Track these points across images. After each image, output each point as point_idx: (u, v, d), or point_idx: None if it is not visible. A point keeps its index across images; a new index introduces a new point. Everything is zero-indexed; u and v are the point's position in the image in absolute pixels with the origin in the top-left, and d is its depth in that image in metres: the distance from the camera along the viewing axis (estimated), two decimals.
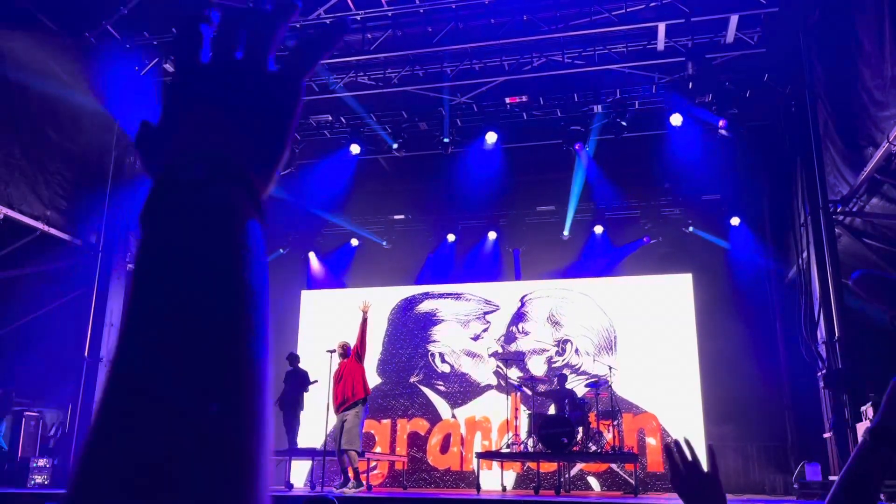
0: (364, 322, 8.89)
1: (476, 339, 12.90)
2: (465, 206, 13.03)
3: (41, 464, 9.04)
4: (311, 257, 13.99)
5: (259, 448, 0.44)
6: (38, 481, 8.88)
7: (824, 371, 8.59)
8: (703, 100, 10.35)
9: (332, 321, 12.72)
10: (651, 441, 11.57)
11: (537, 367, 12.40)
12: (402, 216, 13.97)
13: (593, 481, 11.45)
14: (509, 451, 9.82)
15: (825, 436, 8.65)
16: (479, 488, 9.61)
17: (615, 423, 9.65)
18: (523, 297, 12.93)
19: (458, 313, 13.12)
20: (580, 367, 12.20)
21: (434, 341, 13.03)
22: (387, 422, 12.65)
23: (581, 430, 9.36)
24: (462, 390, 12.62)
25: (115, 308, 10.57)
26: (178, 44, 0.59)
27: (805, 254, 9.46)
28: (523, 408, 10.80)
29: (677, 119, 10.71)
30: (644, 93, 11.25)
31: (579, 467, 11.28)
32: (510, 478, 11.37)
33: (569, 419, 9.25)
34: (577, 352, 12.39)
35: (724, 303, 11.59)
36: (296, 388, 10.08)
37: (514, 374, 11.85)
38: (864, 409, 7.45)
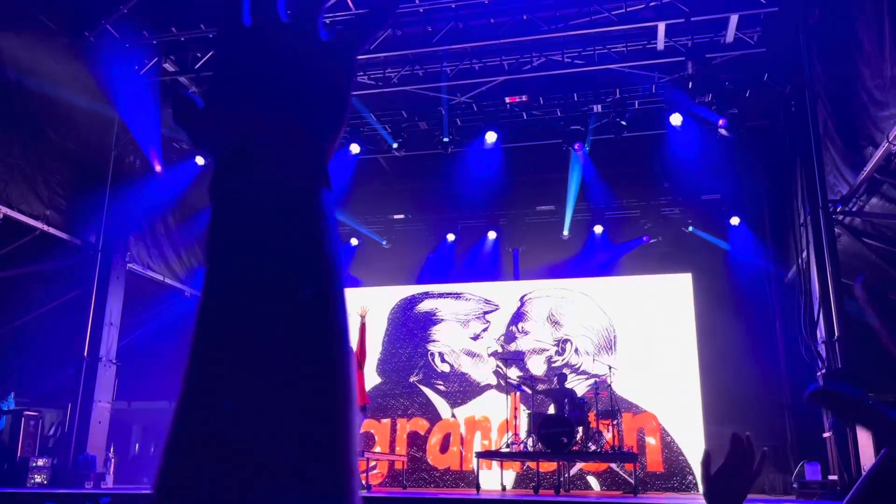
0: (363, 327, 8.80)
1: (476, 338, 12.90)
2: (465, 206, 13.04)
3: (40, 463, 9.04)
4: None
5: (352, 426, 0.44)
6: (37, 481, 8.87)
7: (824, 371, 8.59)
8: (702, 99, 10.35)
9: None
10: (651, 440, 11.57)
11: (537, 366, 12.40)
12: (401, 216, 13.97)
13: (593, 481, 11.45)
14: (509, 450, 9.82)
15: (824, 435, 8.65)
16: (478, 488, 9.61)
17: (615, 422, 9.65)
18: (523, 297, 12.93)
19: (457, 313, 13.12)
20: (580, 367, 12.20)
21: (434, 341, 13.03)
22: (386, 421, 12.65)
23: (581, 429, 9.36)
24: (462, 390, 12.62)
25: (114, 308, 10.56)
26: (218, 9, 0.55)
27: (805, 253, 9.45)
28: (523, 407, 10.81)
29: (677, 119, 10.71)
30: (644, 92, 11.25)
31: (579, 467, 11.28)
32: (510, 477, 11.37)
33: (568, 419, 9.25)
34: (576, 351, 12.39)
35: (724, 302, 11.60)
36: None
37: (513, 373, 11.85)
38: None
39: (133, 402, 12.28)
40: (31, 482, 8.80)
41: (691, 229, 12.46)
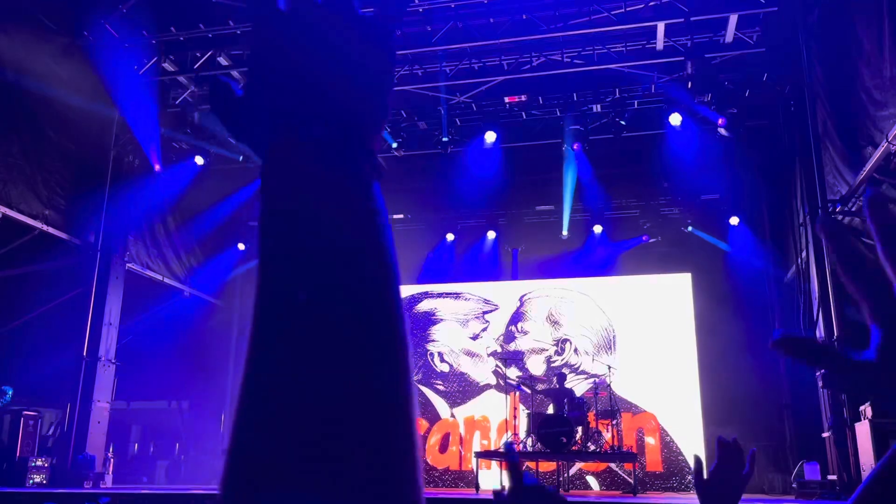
0: None
1: (475, 338, 12.89)
2: (464, 206, 13.03)
3: (39, 463, 9.04)
4: None
5: (413, 416, 0.45)
6: (36, 480, 8.87)
7: (823, 370, 8.58)
8: (702, 99, 10.35)
9: None
10: (650, 440, 11.57)
11: (536, 366, 12.40)
12: (401, 215, 13.96)
13: (592, 480, 11.45)
14: None
15: (824, 435, 8.66)
16: (477, 487, 9.61)
17: (614, 422, 9.65)
18: (522, 297, 12.93)
19: (457, 312, 13.12)
20: (579, 367, 12.20)
21: (433, 340, 13.03)
22: None
23: (580, 429, 9.36)
24: (461, 389, 12.62)
25: (113, 308, 10.56)
26: None
27: (804, 253, 9.46)
28: (522, 407, 10.80)
29: (676, 118, 10.71)
30: (643, 92, 11.25)
31: (578, 466, 11.28)
32: None
33: (568, 418, 9.25)
34: (576, 351, 12.39)
35: (724, 302, 11.60)
36: None
37: (513, 373, 11.85)
38: (862, 408, 7.45)
39: (132, 402, 12.28)
40: (31, 482, 8.80)
41: (690, 229, 12.46)
